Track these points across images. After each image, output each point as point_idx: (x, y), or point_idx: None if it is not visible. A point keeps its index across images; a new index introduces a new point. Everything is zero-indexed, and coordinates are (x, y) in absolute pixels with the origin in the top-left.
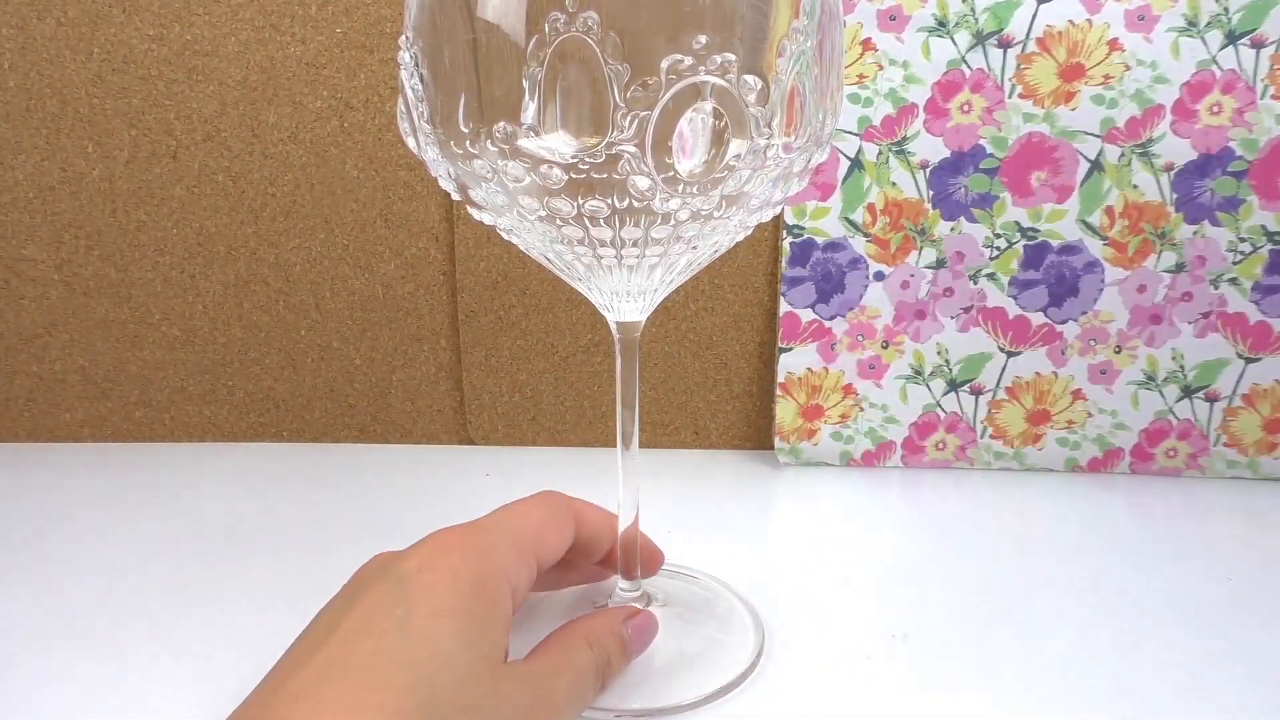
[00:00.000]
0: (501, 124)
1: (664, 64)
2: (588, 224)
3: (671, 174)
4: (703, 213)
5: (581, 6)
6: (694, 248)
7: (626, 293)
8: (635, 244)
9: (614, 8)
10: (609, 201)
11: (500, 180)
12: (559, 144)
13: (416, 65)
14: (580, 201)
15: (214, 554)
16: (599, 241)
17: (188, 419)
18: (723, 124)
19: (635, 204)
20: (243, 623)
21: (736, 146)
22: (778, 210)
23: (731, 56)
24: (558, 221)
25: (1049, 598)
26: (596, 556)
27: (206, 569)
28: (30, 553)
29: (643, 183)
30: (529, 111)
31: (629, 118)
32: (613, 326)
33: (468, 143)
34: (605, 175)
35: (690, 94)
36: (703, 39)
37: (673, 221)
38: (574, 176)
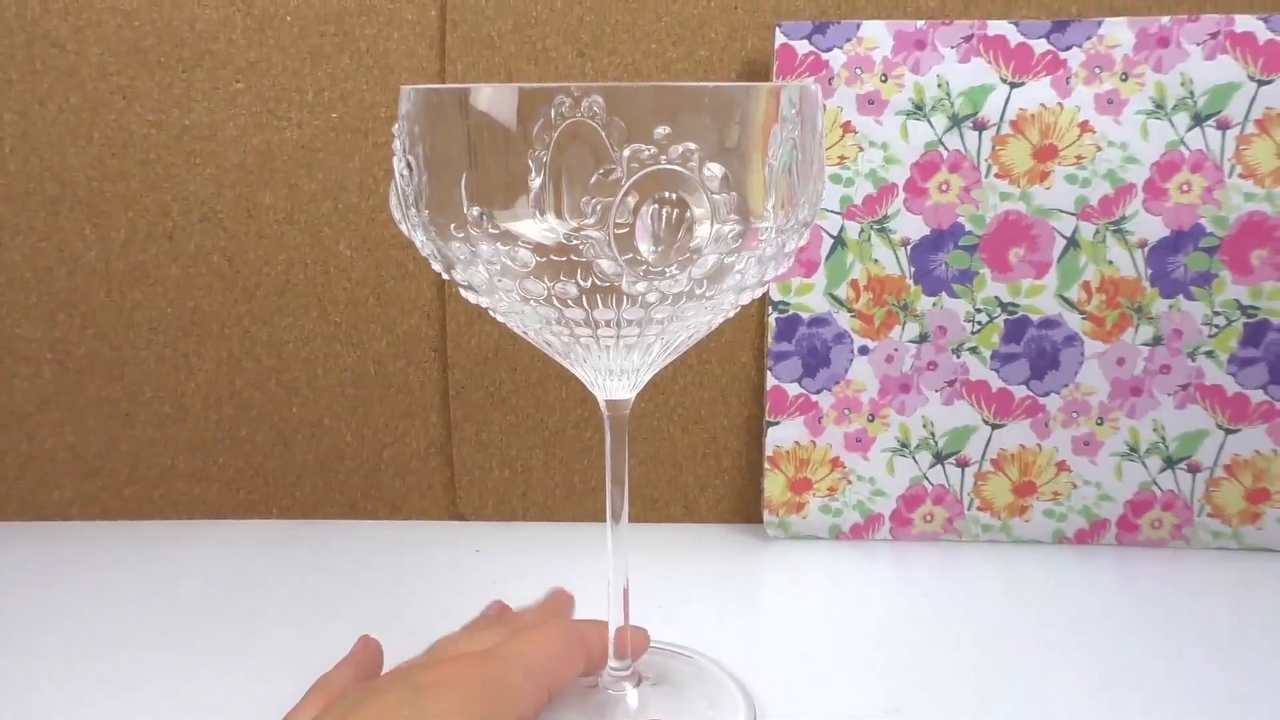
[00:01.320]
0: (475, 209)
1: (625, 153)
2: (560, 304)
3: (636, 257)
4: (673, 295)
5: (586, 92)
6: (668, 329)
7: (609, 371)
8: (609, 324)
9: (614, 94)
10: (579, 283)
11: (479, 262)
12: (548, 227)
13: (405, 151)
14: (551, 284)
15: (204, 632)
16: (573, 322)
17: (178, 496)
18: (685, 211)
19: (605, 284)
20: (234, 699)
21: (700, 232)
22: (760, 293)
23: (693, 145)
24: (532, 302)
25: (1039, 670)
26: (595, 672)
27: (196, 647)
28: (18, 631)
29: (608, 266)
30: (534, 191)
31: (592, 204)
32: (601, 404)
33: (452, 226)
34: (574, 259)
35: (652, 181)
36: (665, 129)
37: (642, 303)
38: (551, 259)
